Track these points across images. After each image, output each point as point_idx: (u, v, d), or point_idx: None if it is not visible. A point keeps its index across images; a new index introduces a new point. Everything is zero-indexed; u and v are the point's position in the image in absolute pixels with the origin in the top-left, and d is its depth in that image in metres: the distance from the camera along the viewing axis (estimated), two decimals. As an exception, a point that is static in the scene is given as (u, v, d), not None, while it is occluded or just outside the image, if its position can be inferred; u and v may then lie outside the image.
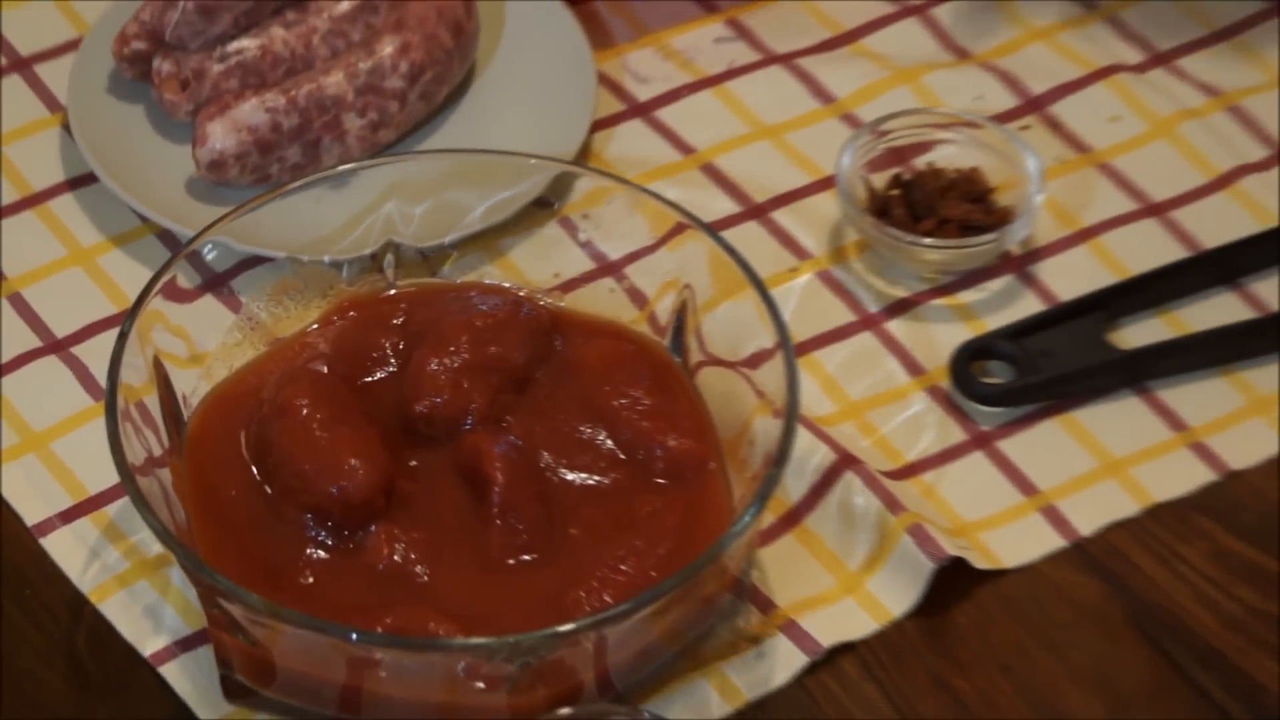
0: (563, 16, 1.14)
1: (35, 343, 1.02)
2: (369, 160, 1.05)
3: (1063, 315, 1.04)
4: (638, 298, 0.99)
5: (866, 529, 0.95)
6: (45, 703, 0.88)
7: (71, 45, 1.12)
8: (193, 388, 0.94)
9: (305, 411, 0.90)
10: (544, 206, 1.03)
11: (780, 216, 1.09)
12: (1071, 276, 1.06)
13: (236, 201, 1.01)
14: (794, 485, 0.96)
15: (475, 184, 1.02)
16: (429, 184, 1.01)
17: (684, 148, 1.12)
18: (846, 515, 0.95)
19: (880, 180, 1.07)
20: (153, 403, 0.91)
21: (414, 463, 0.92)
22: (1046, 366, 1.01)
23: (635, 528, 0.90)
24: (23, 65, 1.12)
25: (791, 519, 0.96)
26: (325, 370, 0.95)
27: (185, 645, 0.90)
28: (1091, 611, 0.94)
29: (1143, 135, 1.13)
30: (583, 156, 1.08)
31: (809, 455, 0.96)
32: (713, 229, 0.97)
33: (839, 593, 0.94)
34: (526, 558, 0.89)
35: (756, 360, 0.92)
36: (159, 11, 1.07)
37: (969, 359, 1.02)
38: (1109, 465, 0.99)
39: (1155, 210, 1.09)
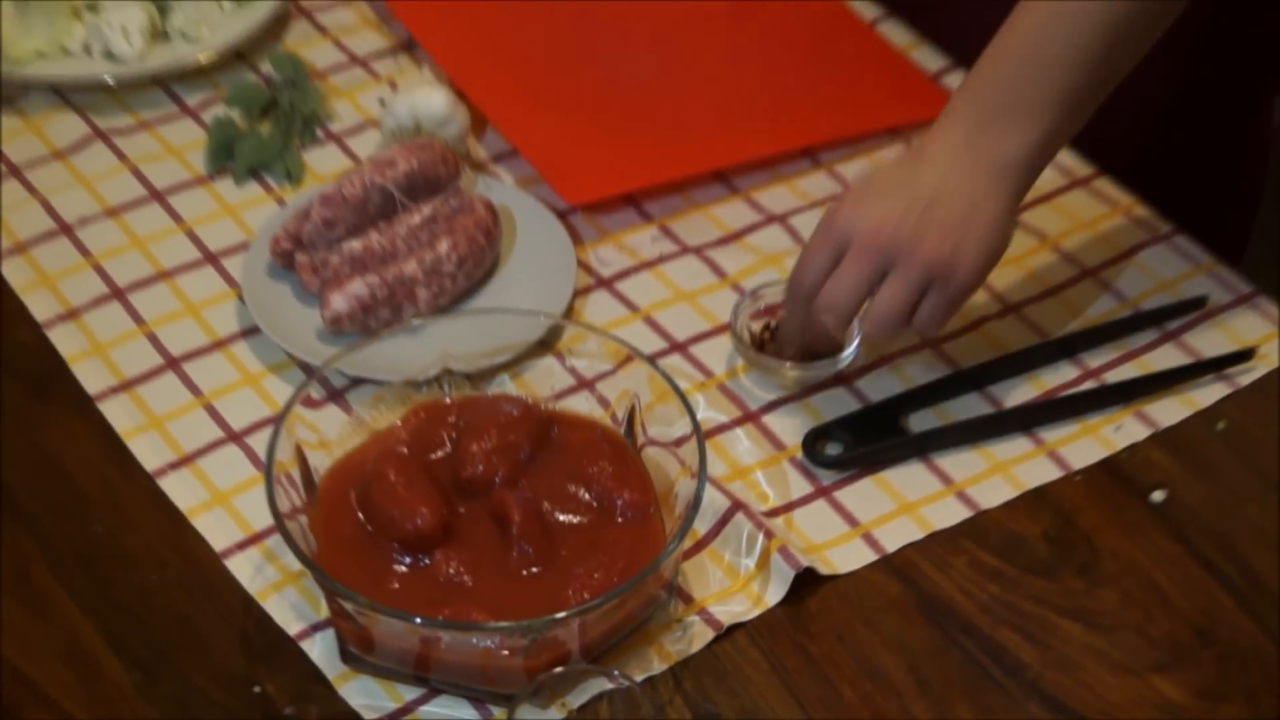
0: (554, 224, 1.15)
1: (220, 434, 1.02)
2: (433, 317, 1.06)
3: (874, 411, 1.05)
4: (604, 403, 0.99)
5: (750, 549, 0.95)
6: (227, 665, 0.89)
7: (243, 246, 1.13)
8: (321, 463, 0.95)
9: (392, 477, 0.92)
10: (544, 345, 1.03)
11: (694, 350, 1.10)
12: (879, 387, 1.07)
13: (350, 345, 1.03)
14: (704, 522, 0.96)
15: (501, 331, 1.03)
16: (472, 331, 1.02)
17: (632, 307, 1.12)
18: (738, 540, 0.96)
19: (757, 326, 1.08)
20: (295, 473, 0.92)
21: (462, 510, 0.93)
22: (864, 444, 1.02)
23: (603, 550, 0.90)
24: (213, 259, 1.13)
25: (703, 543, 0.97)
26: (405, 451, 0.96)
27: (316, 627, 0.91)
28: (894, 601, 0.94)
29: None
30: (568, 313, 1.09)
31: (713, 502, 0.96)
32: (651, 358, 0.99)
33: (734, 590, 0.94)
34: (534, 570, 0.90)
35: (679, 442, 0.93)
36: (298, 224, 1.09)
37: (814, 439, 1.02)
38: (904, 506, 1.00)
39: (931, 344, 1.10)
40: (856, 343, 1.05)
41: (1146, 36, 1.01)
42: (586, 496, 0.93)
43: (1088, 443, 1.03)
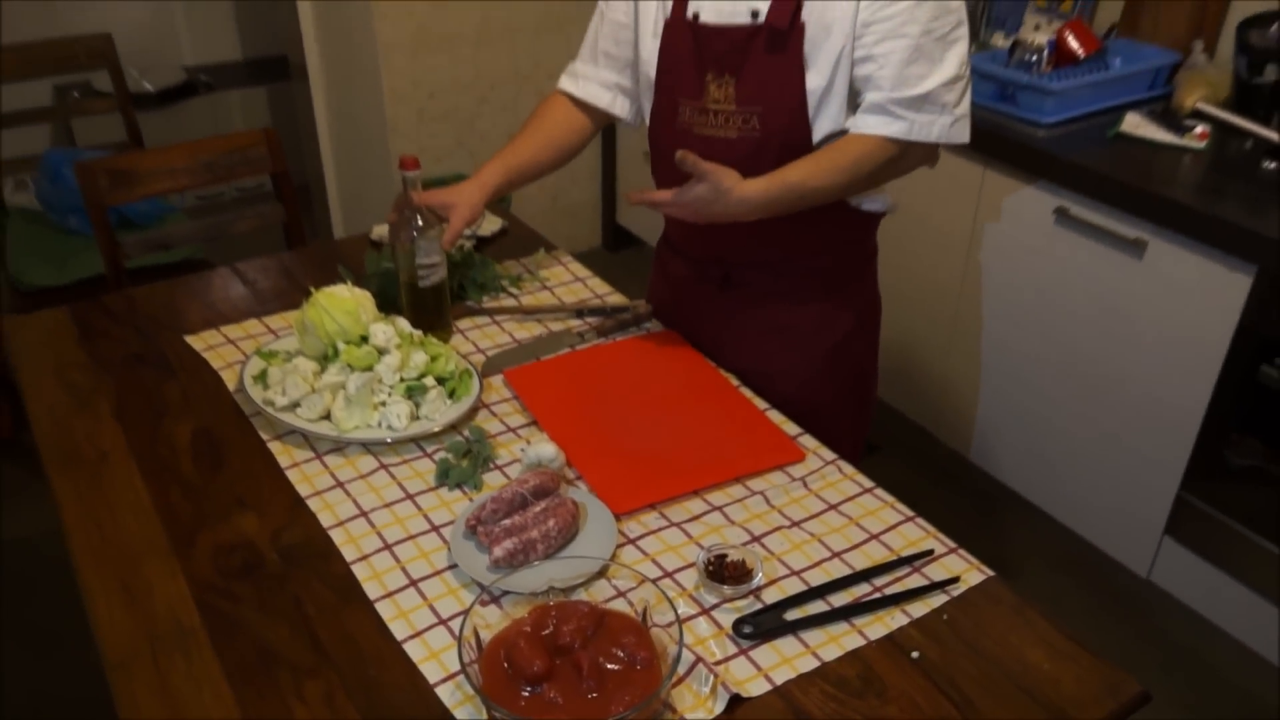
0: (606, 512, 1.14)
1: (435, 620, 1.01)
2: (543, 561, 1.05)
3: (768, 609, 1.04)
4: (631, 606, 0.99)
5: (706, 682, 0.94)
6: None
7: (450, 522, 1.13)
8: (486, 636, 0.94)
9: (522, 644, 0.92)
10: (600, 574, 1.03)
11: (677, 576, 1.08)
12: (771, 597, 1.06)
13: (503, 574, 1.03)
14: (681, 668, 0.95)
15: (578, 567, 1.02)
16: (563, 568, 1.02)
17: (645, 553, 1.11)
18: (699, 679, 0.95)
19: (710, 564, 1.07)
20: (473, 641, 0.92)
21: (557, 662, 0.92)
22: (764, 627, 1.01)
23: (631, 685, 0.90)
24: (436, 529, 1.13)
25: (680, 679, 0.95)
26: (529, 630, 0.95)
27: (482, 725, 0.89)
28: (780, 713, 0.93)
29: (798, 543, 1.11)
30: (612, 558, 1.08)
31: (686, 658, 0.96)
32: (654, 581, 0.99)
33: (697, 706, 0.93)
34: (594, 695, 0.89)
35: (669, 625, 0.93)
36: (479, 511, 1.11)
37: (739, 624, 1.02)
38: (784, 660, 0.98)
39: (796, 573, 1.09)
40: (760, 575, 1.05)
41: (830, 198, 1.19)
42: (622, 655, 0.93)
43: (878, 625, 1.03)
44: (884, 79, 1.11)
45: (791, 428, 1.32)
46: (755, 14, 1.12)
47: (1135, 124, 2.10)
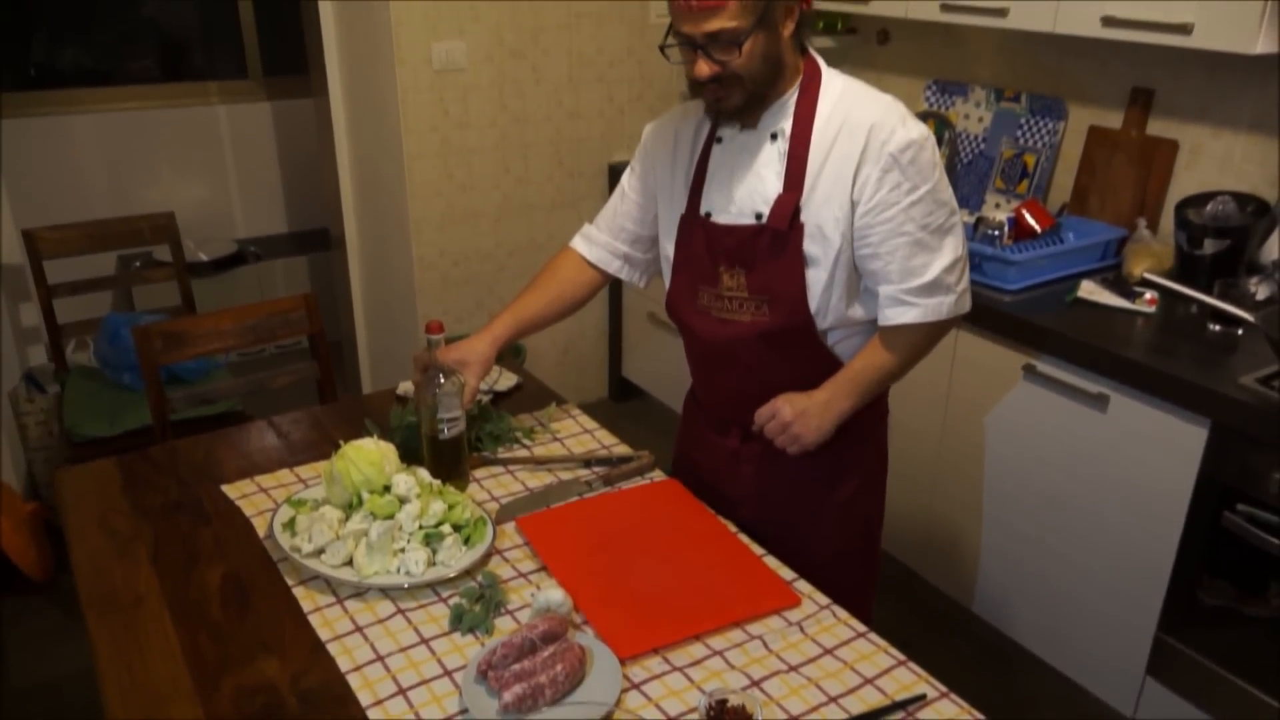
0: (611, 657, 1.10)
1: None
2: (551, 707, 1.02)
3: None
4: None
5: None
6: None
7: (463, 666, 1.10)
8: None
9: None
10: (605, 718, 0.99)
11: None
12: None
13: (518, 716, 0.98)
14: None
15: (586, 711, 1.00)
16: (570, 711, 1.00)
17: (648, 698, 1.07)
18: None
19: (712, 709, 1.01)
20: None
21: None
22: None
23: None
24: (449, 673, 1.08)
25: None
26: None
27: None
28: None
29: (796, 687, 1.08)
30: (617, 704, 1.03)
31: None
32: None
33: None
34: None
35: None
36: (490, 656, 1.08)
37: None
38: None
39: (795, 719, 1.05)
40: (762, 713, 1.02)
41: (895, 380, 1.28)
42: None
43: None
44: (892, 273, 1.18)
45: (787, 573, 1.30)
46: (759, 216, 1.19)
47: (1090, 290, 2.17)
